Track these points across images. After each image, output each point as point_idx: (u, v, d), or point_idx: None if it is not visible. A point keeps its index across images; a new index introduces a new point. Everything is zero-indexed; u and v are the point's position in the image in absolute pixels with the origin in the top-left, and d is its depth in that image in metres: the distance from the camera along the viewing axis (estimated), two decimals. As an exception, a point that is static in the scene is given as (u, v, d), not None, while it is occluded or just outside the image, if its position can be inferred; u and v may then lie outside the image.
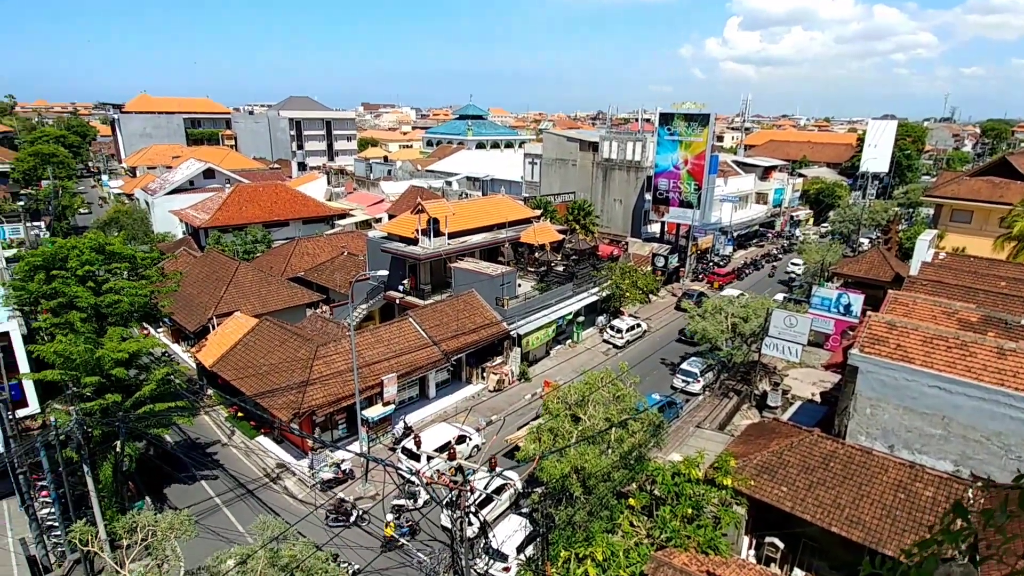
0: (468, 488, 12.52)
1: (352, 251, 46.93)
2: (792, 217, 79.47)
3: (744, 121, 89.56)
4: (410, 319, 33.14)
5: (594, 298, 42.56)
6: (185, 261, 45.08)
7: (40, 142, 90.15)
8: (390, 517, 22.82)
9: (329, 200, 71.17)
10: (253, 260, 47.41)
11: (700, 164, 53.14)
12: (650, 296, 47.18)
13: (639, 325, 43.32)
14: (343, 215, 64.57)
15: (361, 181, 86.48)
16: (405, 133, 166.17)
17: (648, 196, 58.82)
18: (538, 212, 48.53)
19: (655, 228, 61.51)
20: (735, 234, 66.11)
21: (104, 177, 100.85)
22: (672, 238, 58.82)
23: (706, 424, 29.88)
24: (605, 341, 42.51)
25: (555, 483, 19.84)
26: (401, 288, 38.50)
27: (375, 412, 28.69)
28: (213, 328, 35.34)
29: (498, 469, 22.41)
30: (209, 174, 69.40)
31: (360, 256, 44.98)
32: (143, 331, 35.00)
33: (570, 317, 40.68)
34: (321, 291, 43.39)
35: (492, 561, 19.99)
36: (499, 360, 35.93)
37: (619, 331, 41.88)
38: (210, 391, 33.39)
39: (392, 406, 29.47)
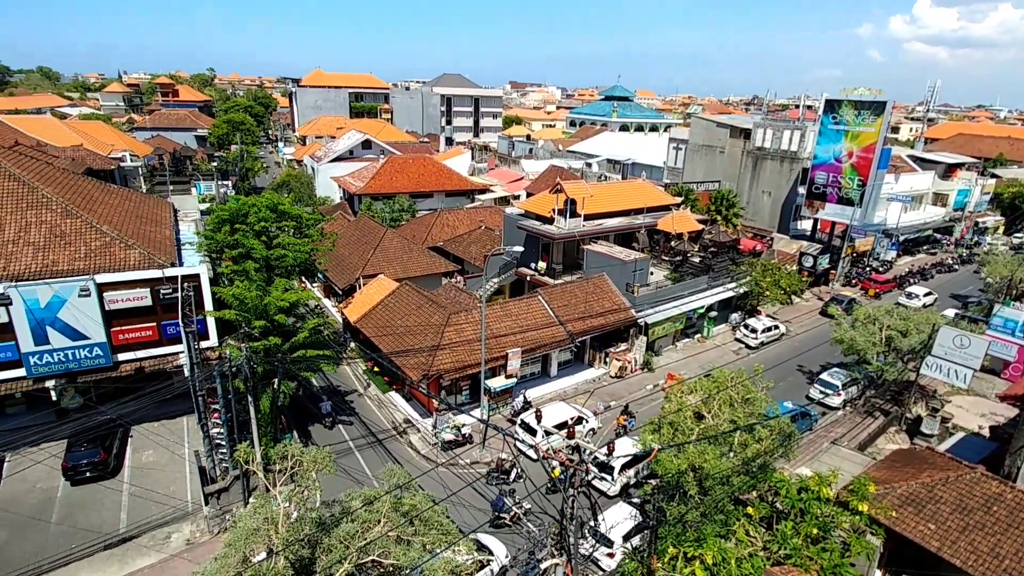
0: (584, 468, 12.68)
1: (489, 226, 48.46)
2: (976, 224, 69.40)
3: (928, 111, 79.25)
4: (539, 297, 33.72)
5: (730, 294, 40.47)
6: (340, 224, 49.24)
7: (232, 111, 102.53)
8: (555, 463, 24.15)
9: (471, 175, 73.81)
10: (398, 228, 50.64)
11: (868, 157, 48.04)
12: (793, 297, 43.89)
13: (776, 327, 40.58)
14: (483, 190, 66.71)
15: (503, 158, 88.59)
16: (549, 113, 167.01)
17: (801, 190, 54.35)
18: (678, 200, 46.82)
19: (806, 225, 56.82)
20: (901, 238, 59.19)
21: (280, 144, 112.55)
22: (824, 237, 53.98)
23: (844, 442, 27.51)
24: (737, 340, 40.38)
25: (670, 478, 19.43)
26: (533, 266, 39.19)
27: (498, 383, 29.74)
28: (359, 287, 38.42)
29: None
30: (367, 145, 74.74)
31: (496, 231, 46.34)
32: (301, 284, 38.93)
33: (702, 311, 39.09)
34: (457, 262, 45.42)
35: (598, 545, 20.12)
36: (623, 347, 35.53)
37: (754, 331, 39.54)
38: (352, 344, 36.48)
39: (514, 379, 30.36)
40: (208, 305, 26.76)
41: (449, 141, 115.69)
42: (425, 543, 15.22)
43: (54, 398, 26.20)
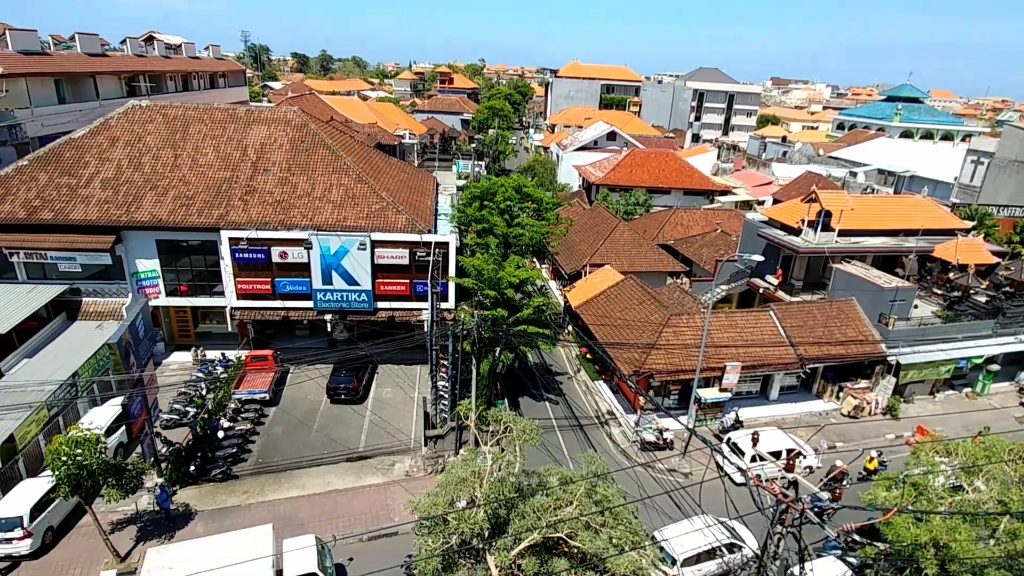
0: (800, 507, 11.55)
1: (726, 230, 45.88)
2: None
3: None
4: (771, 312, 31.10)
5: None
6: (575, 211, 50.90)
7: (494, 98, 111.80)
8: (874, 453, 25.27)
9: (714, 175, 70.33)
10: (631, 221, 50.62)
11: None
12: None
13: (1092, 401, 31.74)
14: (725, 192, 63.19)
15: (751, 160, 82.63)
16: (813, 113, 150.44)
17: None
18: (968, 224, 38.97)
19: None
20: None
21: (531, 131, 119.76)
22: None
23: None
24: (1025, 405, 32.58)
25: (903, 548, 16.65)
26: (768, 278, 36.19)
27: (710, 394, 28.32)
28: (584, 274, 39.47)
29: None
30: (611, 136, 75.72)
31: (733, 236, 43.69)
32: (531, 263, 41.32)
33: (978, 361, 32.25)
34: (685, 263, 43.95)
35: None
36: (863, 384, 31.08)
37: (1055, 400, 31.45)
38: (569, 328, 37.75)
39: (728, 394, 28.61)
40: (452, 271, 29.97)
41: (695, 138, 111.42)
42: (612, 536, 15.33)
43: (329, 329, 31.93)
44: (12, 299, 27.00)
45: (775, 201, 57.45)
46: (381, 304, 30.74)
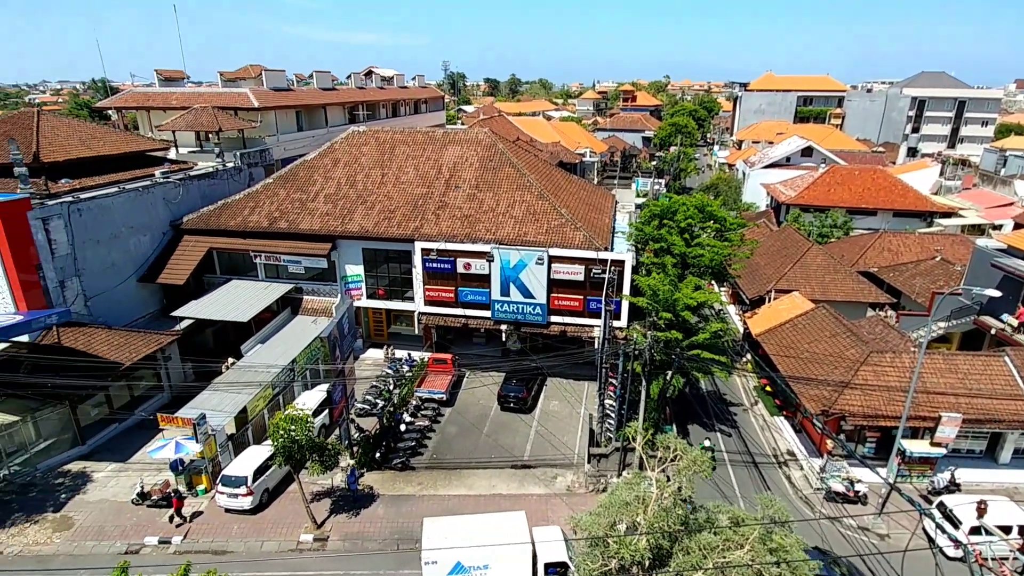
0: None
1: (948, 258, 39.59)
2: None
3: None
4: (1006, 358, 26.14)
5: None
6: (761, 232, 47.52)
7: (677, 115, 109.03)
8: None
9: (935, 194, 61.16)
10: (825, 244, 45.97)
11: None
12: None
13: None
14: (948, 213, 54.59)
15: (986, 176, 70.37)
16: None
17: None
18: None
19: None
20: None
21: (715, 147, 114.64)
22: None
23: None
24: None
25: None
26: (1005, 318, 30.45)
27: (918, 447, 24.53)
28: (768, 300, 36.62)
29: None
30: (807, 152, 69.57)
31: (957, 266, 37.57)
32: (709, 285, 39.43)
33: None
34: (892, 293, 38.67)
35: None
36: None
37: None
38: (748, 357, 35.25)
39: (943, 450, 24.55)
40: (626, 290, 29.71)
41: (912, 152, 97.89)
42: (788, 590, 13.98)
43: (503, 339, 33.44)
44: (253, 293, 32.45)
45: (1017, 226, 48.29)
46: (554, 318, 31.46)
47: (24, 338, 25.47)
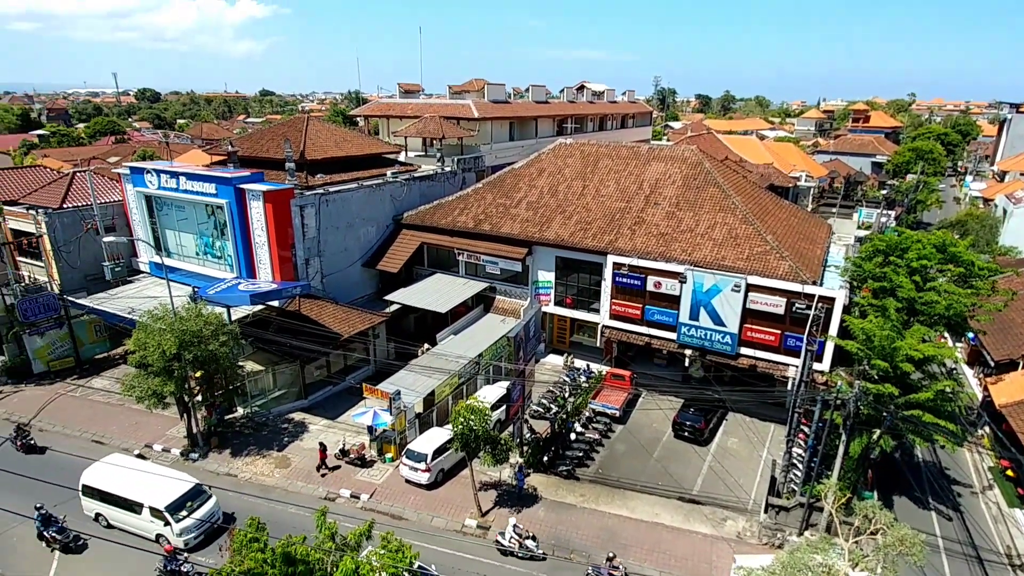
0: None
1: None
2: None
3: None
4: None
5: None
6: (1021, 282, 39.35)
7: (920, 139, 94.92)
8: None
9: None
10: (1118, 309, 36.52)
11: None
12: None
13: None
14: None
15: None
16: None
17: None
18: None
19: None
20: None
21: (968, 178, 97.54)
22: None
23: None
24: None
25: None
26: None
27: None
28: (1023, 366, 30.23)
29: None
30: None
31: None
32: (940, 338, 33.72)
33: None
34: None
35: None
36: None
37: None
38: (986, 430, 29.45)
39: None
40: (834, 330, 26.70)
41: None
42: None
43: (686, 364, 32.12)
44: (453, 288, 35.34)
45: None
46: (744, 350, 29.40)
47: (275, 304, 30.66)
